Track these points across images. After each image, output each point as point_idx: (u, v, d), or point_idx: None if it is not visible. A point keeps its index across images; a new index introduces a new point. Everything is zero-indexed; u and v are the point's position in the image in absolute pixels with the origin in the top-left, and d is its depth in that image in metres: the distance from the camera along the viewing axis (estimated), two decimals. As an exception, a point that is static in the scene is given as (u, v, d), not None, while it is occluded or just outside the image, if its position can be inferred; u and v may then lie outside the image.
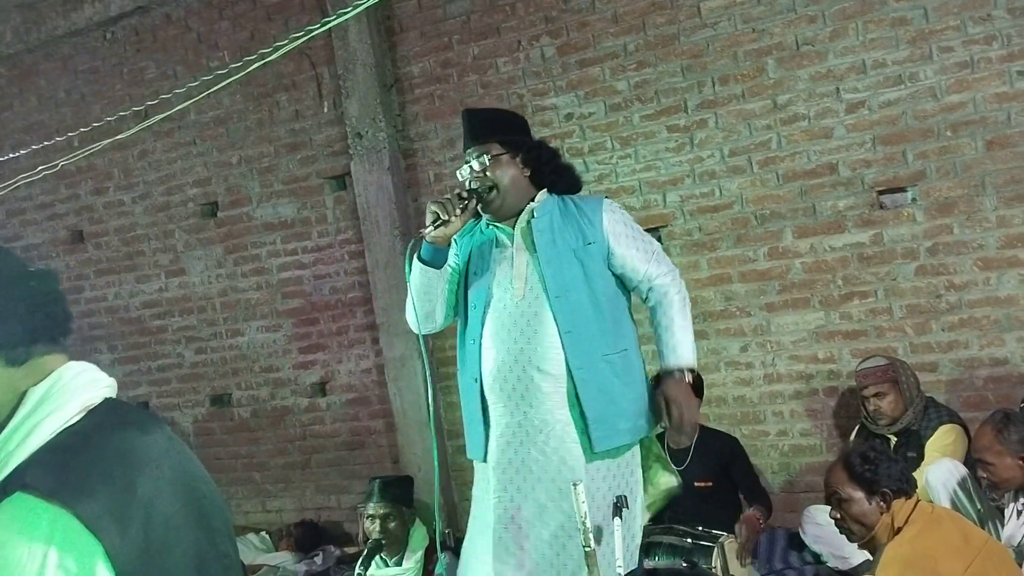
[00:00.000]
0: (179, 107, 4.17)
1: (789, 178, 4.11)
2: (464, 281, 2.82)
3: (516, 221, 2.75)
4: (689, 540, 3.47)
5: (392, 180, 4.87)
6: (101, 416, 1.24)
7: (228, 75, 3.82)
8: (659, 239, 4.42)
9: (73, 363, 1.29)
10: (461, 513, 4.95)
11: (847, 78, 3.97)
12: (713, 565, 3.39)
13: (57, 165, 4.39)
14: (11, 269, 1.25)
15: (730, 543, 3.52)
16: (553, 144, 4.52)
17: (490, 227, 2.78)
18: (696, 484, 3.93)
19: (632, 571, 2.63)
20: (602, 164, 4.48)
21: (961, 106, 3.79)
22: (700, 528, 3.56)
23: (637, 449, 2.76)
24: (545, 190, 2.79)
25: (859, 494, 2.72)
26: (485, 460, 2.74)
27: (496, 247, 2.76)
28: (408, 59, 4.91)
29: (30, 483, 1.12)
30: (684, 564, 3.38)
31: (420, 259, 2.73)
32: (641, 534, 2.77)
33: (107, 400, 1.28)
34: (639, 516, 2.75)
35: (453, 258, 2.83)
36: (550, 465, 2.63)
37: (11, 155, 5.06)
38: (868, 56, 3.92)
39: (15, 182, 4.66)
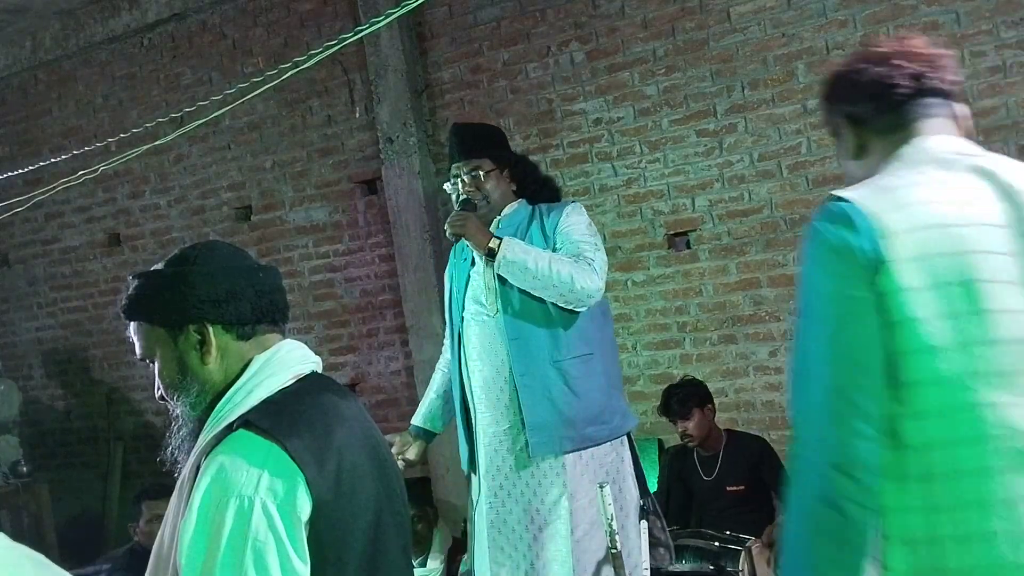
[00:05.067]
0: (215, 114, 4.24)
1: (819, 183, 4.10)
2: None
3: None
4: (717, 544, 3.48)
5: (422, 184, 4.92)
6: (308, 383, 1.53)
7: (263, 81, 3.88)
8: (688, 244, 4.43)
9: (290, 340, 1.57)
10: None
11: (878, 83, 3.94)
12: (740, 568, 3.39)
13: (97, 170, 4.48)
14: (244, 263, 1.55)
15: (758, 547, 3.51)
16: (582, 149, 4.60)
17: (468, 246, 2.80)
18: (728, 489, 3.93)
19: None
20: (631, 169, 4.50)
21: (993, 111, 3.76)
22: (728, 532, 3.57)
23: (623, 439, 2.78)
24: (520, 201, 2.85)
25: None
26: (476, 471, 2.80)
27: (471, 264, 2.82)
28: (439, 65, 4.96)
29: (251, 422, 1.41)
30: (711, 568, 3.39)
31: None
32: (637, 518, 2.78)
33: (314, 372, 1.56)
34: (632, 503, 2.76)
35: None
36: (537, 470, 2.66)
37: (51, 159, 5.17)
38: (899, 61, 3.90)
39: (56, 186, 4.76)
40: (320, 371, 1.58)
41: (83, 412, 6.39)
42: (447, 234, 2.74)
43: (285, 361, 1.51)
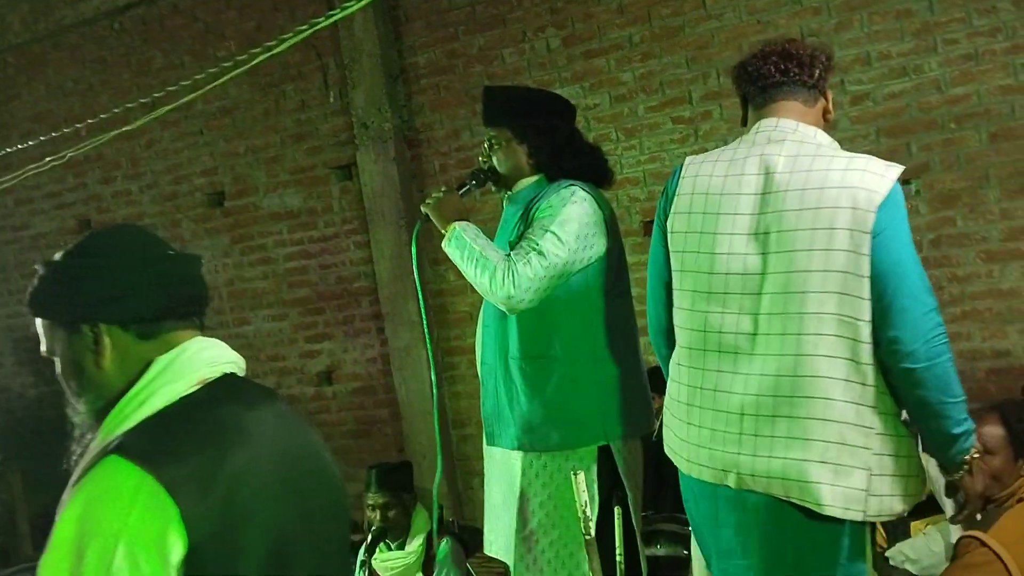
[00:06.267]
0: (187, 98, 4.18)
1: (793, 170, 4.11)
2: None
3: None
4: (691, 528, 3.50)
5: (398, 170, 4.89)
6: (215, 390, 1.34)
7: (235, 65, 3.83)
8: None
9: (199, 339, 1.39)
10: (466, 501, 4.98)
11: (851, 70, 3.97)
12: (714, 554, 3.41)
13: (65, 156, 4.41)
14: (144, 253, 1.37)
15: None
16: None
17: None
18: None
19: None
20: (607, 155, 4.48)
21: (965, 98, 3.79)
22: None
23: (590, 451, 2.54)
24: (539, 177, 2.65)
25: (1008, 451, 2.59)
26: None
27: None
28: (414, 49, 4.92)
29: (124, 446, 1.24)
30: (686, 552, 3.41)
31: None
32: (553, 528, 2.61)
33: (226, 376, 1.38)
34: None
35: None
36: (502, 456, 2.64)
37: (19, 145, 5.09)
38: (873, 48, 3.92)
39: (24, 172, 4.69)
40: (239, 371, 1.42)
41: (55, 401, 6.29)
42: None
43: (190, 364, 1.34)
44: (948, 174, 3.84)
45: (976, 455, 2.08)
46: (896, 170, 1.97)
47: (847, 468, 1.96)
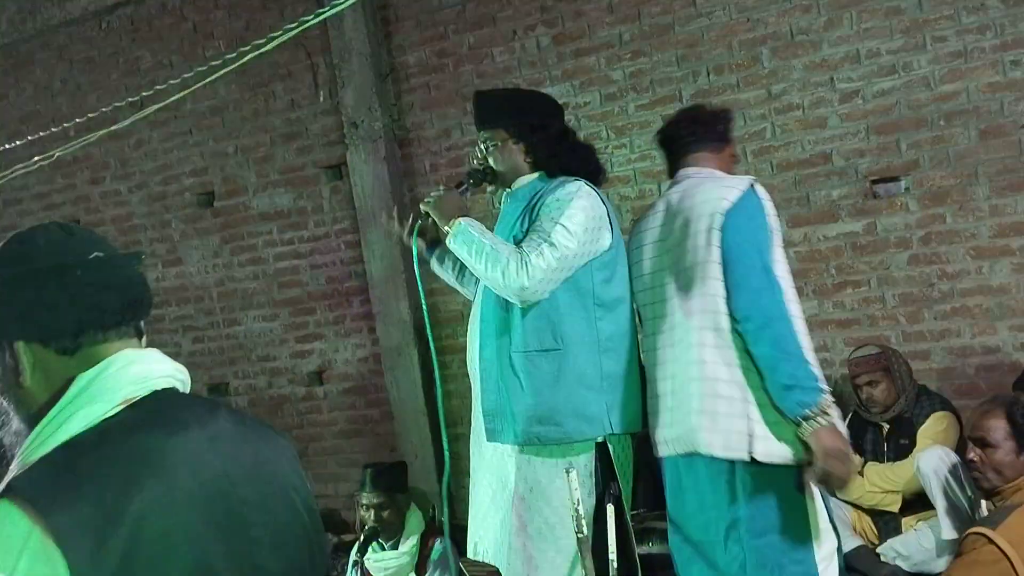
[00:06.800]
0: (175, 97, 4.16)
1: (783, 168, 4.12)
2: None
3: None
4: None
5: (388, 170, 4.88)
6: (138, 412, 1.20)
7: (224, 65, 3.82)
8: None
9: (127, 352, 1.24)
10: (458, 500, 4.98)
11: (841, 68, 3.98)
12: (706, 551, 3.41)
13: (53, 156, 4.39)
14: (60, 259, 1.22)
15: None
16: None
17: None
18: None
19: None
20: (598, 154, 4.48)
21: (954, 95, 3.80)
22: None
23: (586, 445, 2.55)
24: (537, 174, 2.68)
25: (1011, 444, 2.62)
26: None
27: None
28: (404, 48, 4.91)
29: (17, 488, 1.11)
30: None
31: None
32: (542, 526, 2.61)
33: (156, 393, 1.23)
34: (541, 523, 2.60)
35: None
36: (495, 453, 2.64)
37: (7, 145, 5.06)
38: (862, 46, 3.93)
39: (12, 172, 4.66)
40: (181, 385, 1.28)
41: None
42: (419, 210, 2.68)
43: (112, 382, 1.20)
44: (938, 171, 3.85)
45: (823, 413, 2.32)
46: (746, 181, 2.52)
47: (724, 415, 2.39)
